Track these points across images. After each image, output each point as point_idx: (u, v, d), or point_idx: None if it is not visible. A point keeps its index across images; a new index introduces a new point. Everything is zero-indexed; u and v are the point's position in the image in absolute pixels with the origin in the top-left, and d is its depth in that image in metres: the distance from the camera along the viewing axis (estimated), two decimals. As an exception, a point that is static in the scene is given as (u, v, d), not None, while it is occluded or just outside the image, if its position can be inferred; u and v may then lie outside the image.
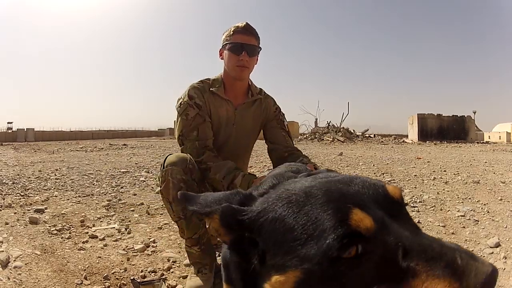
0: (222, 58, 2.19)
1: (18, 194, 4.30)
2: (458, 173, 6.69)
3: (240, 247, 0.73)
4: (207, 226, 2.46)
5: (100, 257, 2.36)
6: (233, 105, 2.20)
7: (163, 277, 2.10)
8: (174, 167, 1.86)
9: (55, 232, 2.82)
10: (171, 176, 1.85)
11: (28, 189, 4.68)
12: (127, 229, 2.96)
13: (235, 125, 2.22)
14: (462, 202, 4.06)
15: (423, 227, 3.07)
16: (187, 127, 2.05)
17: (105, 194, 4.45)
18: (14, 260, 2.20)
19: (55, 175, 6.19)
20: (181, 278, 2.10)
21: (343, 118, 28.66)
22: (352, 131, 27.61)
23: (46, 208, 3.61)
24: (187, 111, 2.05)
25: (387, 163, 8.87)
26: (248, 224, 0.71)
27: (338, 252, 0.57)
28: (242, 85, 2.24)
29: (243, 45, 2.07)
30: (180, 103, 2.09)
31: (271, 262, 0.65)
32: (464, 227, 3.07)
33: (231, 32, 2.09)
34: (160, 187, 1.90)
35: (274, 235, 0.66)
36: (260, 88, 2.36)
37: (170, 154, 1.95)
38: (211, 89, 2.15)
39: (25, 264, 2.17)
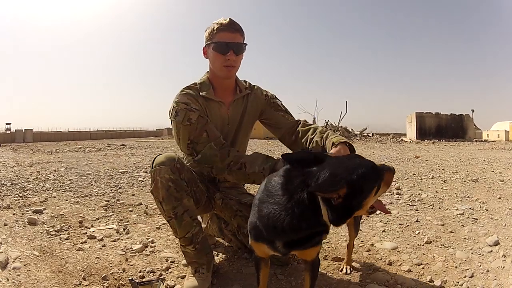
0: (206, 57, 2.13)
1: (17, 195, 4.28)
2: (457, 172, 6.70)
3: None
4: (203, 225, 2.46)
5: (98, 257, 2.36)
6: (226, 105, 2.18)
7: (162, 277, 2.09)
8: (162, 166, 1.87)
9: (54, 233, 2.82)
10: (159, 175, 1.86)
11: (26, 190, 4.66)
12: (126, 230, 2.96)
13: (229, 125, 2.20)
14: (461, 201, 4.06)
15: (421, 225, 3.07)
16: (194, 131, 1.96)
17: (103, 195, 4.44)
18: (13, 261, 2.19)
19: (53, 175, 6.18)
20: (179, 278, 2.10)
21: (341, 117, 28.66)
22: (350, 130, 27.62)
23: (44, 209, 3.60)
24: (188, 115, 1.96)
25: (386, 162, 8.87)
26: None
27: None
28: (230, 83, 2.21)
29: (228, 44, 2.00)
30: (177, 111, 1.99)
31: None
32: (463, 225, 3.07)
33: (215, 30, 2.01)
34: (151, 187, 1.91)
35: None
36: (245, 81, 2.32)
37: (159, 155, 1.94)
38: (201, 93, 2.09)
39: (24, 265, 2.17)
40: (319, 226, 1.34)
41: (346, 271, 2.17)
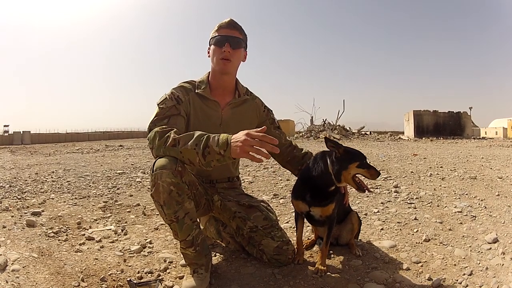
0: (209, 56, 2.24)
1: (15, 197, 4.28)
2: (455, 169, 6.72)
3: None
4: (202, 228, 2.46)
5: (97, 259, 2.36)
6: (220, 105, 2.23)
7: (160, 277, 2.09)
8: (164, 170, 1.82)
9: (52, 234, 2.81)
10: (161, 179, 1.81)
11: (25, 192, 4.66)
12: (124, 230, 2.95)
13: (222, 126, 2.22)
14: (459, 198, 4.07)
15: (420, 223, 3.08)
16: (159, 115, 2.03)
17: (101, 196, 4.44)
18: (12, 264, 2.18)
19: (51, 177, 6.17)
20: (177, 279, 2.09)
21: (338, 116, 28.73)
22: (348, 128, 27.67)
23: (43, 211, 3.59)
24: (165, 101, 2.08)
25: (384, 160, 8.89)
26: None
27: None
28: (229, 82, 2.26)
29: (225, 37, 2.13)
30: (161, 97, 2.13)
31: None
32: (461, 223, 3.08)
33: (216, 28, 2.17)
34: (151, 190, 1.88)
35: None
36: (246, 88, 2.39)
37: (159, 158, 1.89)
38: (197, 91, 2.19)
39: (23, 267, 2.16)
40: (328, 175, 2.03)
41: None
